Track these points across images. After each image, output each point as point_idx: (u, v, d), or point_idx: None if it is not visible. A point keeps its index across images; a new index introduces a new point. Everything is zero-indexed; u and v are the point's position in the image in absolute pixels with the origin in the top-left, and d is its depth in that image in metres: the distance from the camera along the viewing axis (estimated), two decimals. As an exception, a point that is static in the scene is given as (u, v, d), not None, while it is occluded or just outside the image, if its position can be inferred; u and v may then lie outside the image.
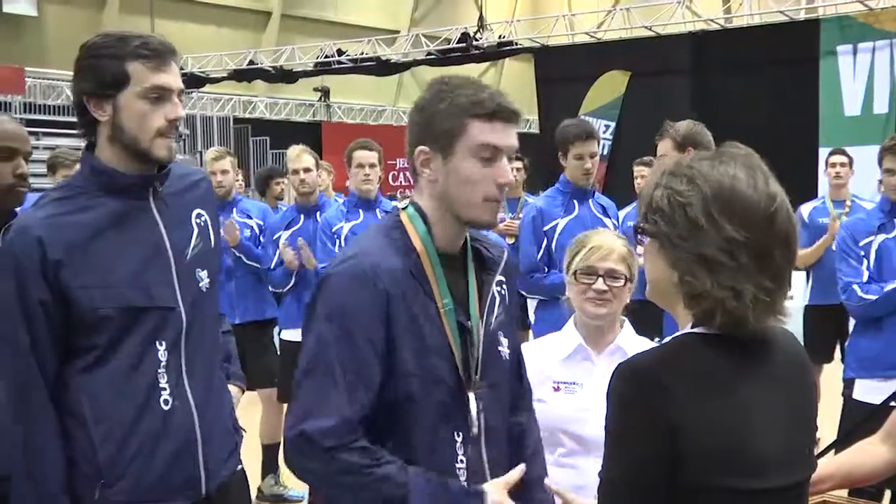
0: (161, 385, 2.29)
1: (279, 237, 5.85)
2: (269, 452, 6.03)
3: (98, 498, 2.26)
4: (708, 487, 1.57)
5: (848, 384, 4.38)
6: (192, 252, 2.38)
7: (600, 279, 2.67)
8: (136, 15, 24.06)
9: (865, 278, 4.21)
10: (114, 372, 2.26)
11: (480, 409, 2.06)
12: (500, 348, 2.15)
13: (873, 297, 4.17)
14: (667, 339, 1.70)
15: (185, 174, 2.47)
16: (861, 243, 4.29)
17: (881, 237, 4.26)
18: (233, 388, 2.68)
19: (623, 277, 2.69)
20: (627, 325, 2.79)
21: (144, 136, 2.23)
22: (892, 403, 2.53)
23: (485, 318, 2.09)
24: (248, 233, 5.91)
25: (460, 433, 2.04)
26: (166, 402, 2.30)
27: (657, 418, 1.58)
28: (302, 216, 5.91)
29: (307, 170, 5.84)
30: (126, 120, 2.23)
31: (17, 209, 2.71)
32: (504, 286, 2.19)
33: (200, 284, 2.40)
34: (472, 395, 2.05)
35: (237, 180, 9.29)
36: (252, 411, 5.84)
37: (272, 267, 5.87)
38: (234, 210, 6.00)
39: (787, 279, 1.66)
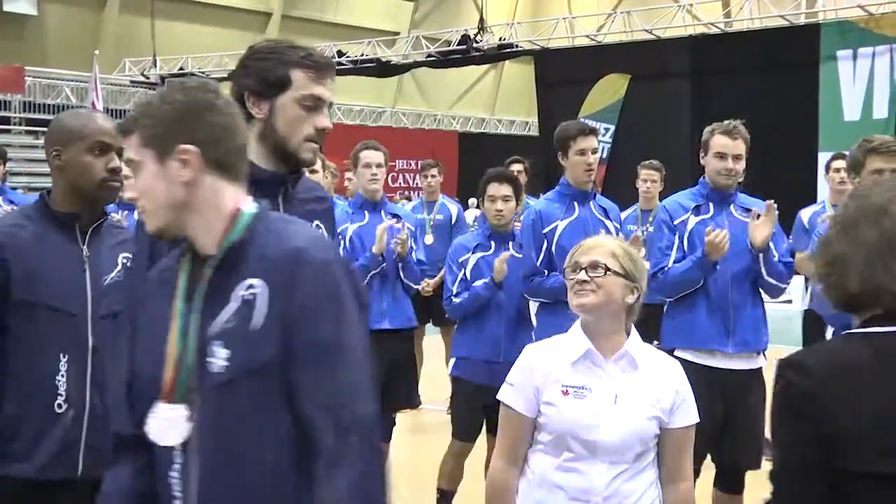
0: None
1: None
2: None
3: None
4: (845, 473, 1.66)
5: None
6: None
7: (582, 271, 2.70)
8: (136, 15, 24.10)
9: None
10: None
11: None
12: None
13: None
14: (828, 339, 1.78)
15: (313, 187, 2.58)
16: None
17: None
18: None
19: (603, 267, 2.70)
20: (634, 332, 2.79)
21: (294, 138, 2.34)
22: None
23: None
24: None
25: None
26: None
27: (814, 421, 1.67)
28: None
29: (313, 171, 5.83)
30: (280, 121, 2.33)
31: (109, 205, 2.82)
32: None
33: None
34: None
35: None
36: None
37: None
38: None
39: None
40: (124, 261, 2.78)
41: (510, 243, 4.88)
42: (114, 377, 2.54)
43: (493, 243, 4.88)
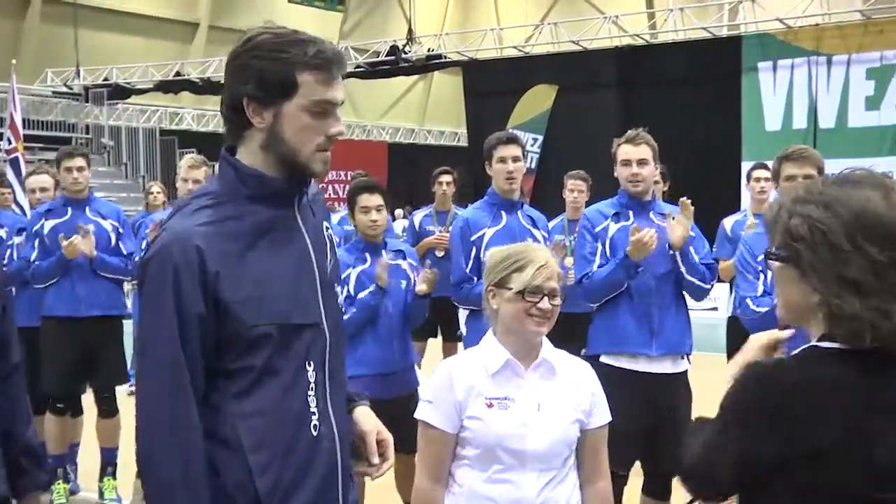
0: (311, 409, 2.11)
1: None
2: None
3: None
4: (836, 495, 1.64)
5: None
6: (330, 265, 2.23)
7: (545, 298, 2.68)
8: (59, 24, 23.65)
9: (760, 292, 4.31)
10: (270, 396, 2.06)
11: None
12: None
13: (764, 310, 4.28)
14: (796, 352, 1.74)
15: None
16: (759, 258, 4.39)
17: None
18: (364, 410, 2.38)
19: (560, 296, 2.72)
20: (546, 339, 2.81)
21: (305, 149, 2.07)
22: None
23: None
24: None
25: None
26: (315, 426, 2.11)
27: (802, 437, 1.63)
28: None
29: (196, 181, 5.76)
30: (287, 130, 2.06)
31: None
32: None
33: (339, 300, 2.27)
34: None
35: (156, 192, 9.20)
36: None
37: None
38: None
39: None
40: None
41: (383, 251, 4.68)
42: None
43: (367, 255, 4.63)
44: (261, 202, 2.08)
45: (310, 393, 2.10)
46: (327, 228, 2.25)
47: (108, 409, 5.96)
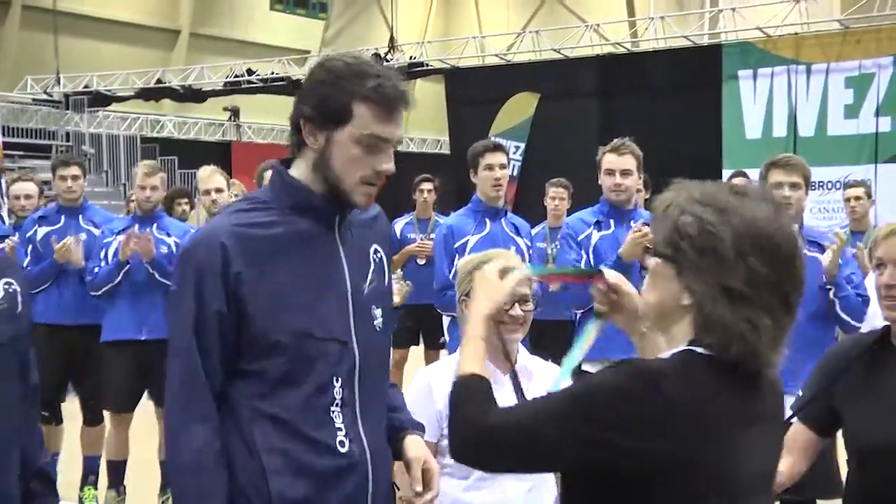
0: (336, 425, 2.12)
1: None
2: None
3: None
4: (695, 499, 1.61)
5: None
6: (368, 287, 2.25)
7: (515, 304, 2.69)
8: (38, 31, 23.53)
9: None
10: (287, 404, 2.09)
11: None
12: None
13: None
14: (668, 354, 1.71)
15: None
16: None
17: None
18: (415, 438, 2.37)
19: (533, 301, 2.72)
20: (523, 348, 2.82)
21: (349, 179, 2.11)
22: (792, 420, 2.61)
23: None
24: (164, 250, 5.82)
25: None
26: (342, 443, 2.12)
27: (659, 432, 1.59)
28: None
29: (219, 190, 5.81)
30: (336, 158, 2.10)
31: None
32: None
33: (375, 322, 2.27)
34: None
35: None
36: (152, 427, 5.81)
37: None
38: (156, 226, 5.92)
39: (795, 314, 1.71)
40: (6, 286, 2.43)
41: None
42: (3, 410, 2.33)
43: None
44: (301, 214, 2.14)
45: (333, 409, 2.12)
46: (376, 251, 2.28)
47: (93, 417, 5.95)
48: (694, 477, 1.60)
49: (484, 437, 1.71)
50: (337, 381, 2.13)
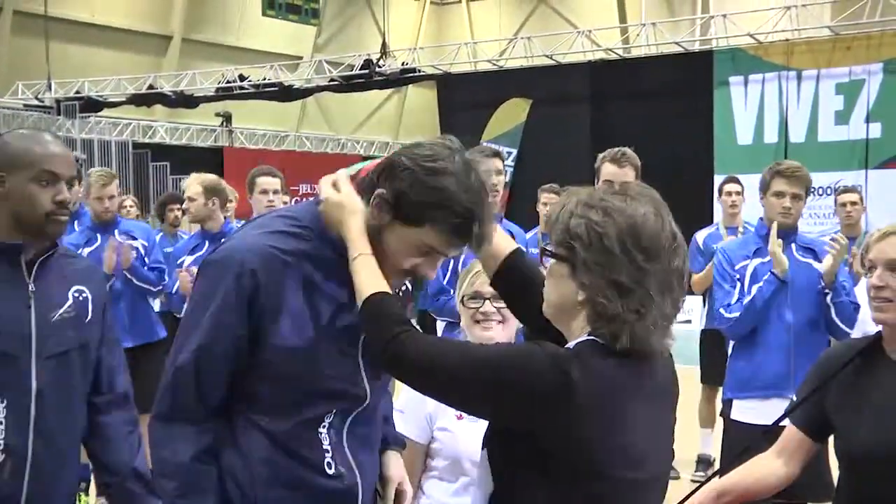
0: (324, 446, 2.08)
1: (182, 262, 5.79)
2: None
3: None
4: (600, 475, 1.75)
5: (727, 404, 4.52)
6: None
7: (486, 301, 2.70)
8: (29, 37, 23.48)
9: (734, 300, 4.34)
10: (281, 423, 2.06)
11: None
12: None
13: (736, 315, 4.31)
14: (571, 344, 1.83)
15: None
16: (737, 267, 4.43)
17: (756, 261, 4.40)
18: (395, 455, 2.36)
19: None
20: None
21: (395, 263, 2.06)
22: (783, 423, 2.62)
23: None
24: (134, 254, 5.81)
25: None
26: (329, 465, 2.09)
27: (556, 407, 1.73)
28: (207, 242, 5.85)
29: (191, 199, 5.78)
30: (390, 242, 2.04)
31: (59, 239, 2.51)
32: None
33: None
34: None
35: (129, 205, 9.19)
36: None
37: (174, 291, 5.82)
38: (116, 231, 5.89)
39: (680, 305, 1.86)
40: (76, 294, 2.54)
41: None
42: (59, 421, 2.43)
43: None
44: (331, 246, 2.07)
45: (321, 431, 2.10)
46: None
47: None
48: (587, 452, 1.74)
49: (407, 366, 1.85)
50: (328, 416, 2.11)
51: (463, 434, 2.65)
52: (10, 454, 2.37)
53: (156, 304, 6.08)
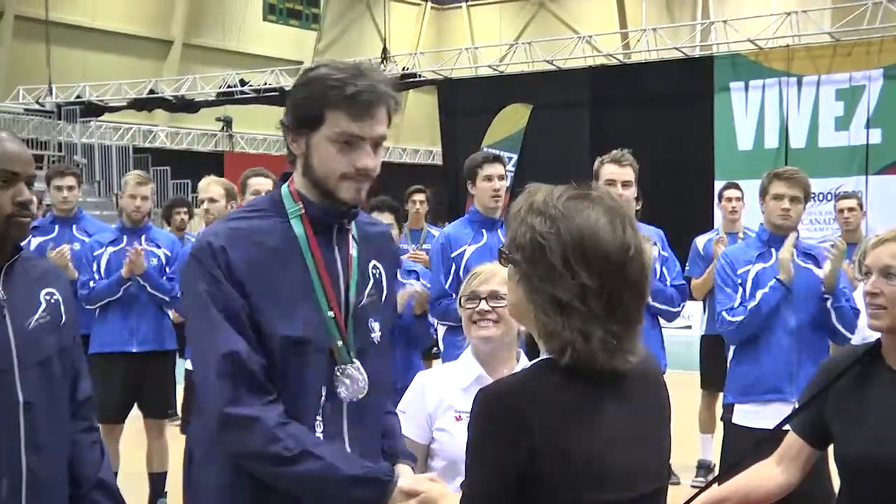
0: (317, 434, 2.10)
1: None
2: (157, 480, 5.95)
3: None
4: (565, 501, 1.64)
5: (728, 409, 4.52)
6: (367, 299, 2.25)
7: (482, 301, 2.71)
8: (30, 41, 23.53)
9: (737, 304, 4.35)
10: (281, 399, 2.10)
11: None
12: None
13: (739, 318, 4.32)
14: (528, 365, 1.74)
15: (372, 223, 2.40)
16: (739, 272, 4.43)
17: (758, 266, 4.40)
18: (404, 468, 2.31)
19: (504, 297, 2.73)
20: (524, 356, 2.82)
21: (332, 177, 2.16)
22: (785, 428, 2.62)
23: None
24: (154, 262, 5.81)
25: None
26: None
27: (516, 443, 1.62)
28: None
29: (213, 200, 5.79)
30: (315, 159, 2.17)
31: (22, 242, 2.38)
32: None
33: (372, 336, 2.26)
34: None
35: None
36: (142, 440, 5.79)
37: (178, 294, 5.84)
38: (144, 238, 5.91)
39: (637, 319, 1.71)
40: (47, 297, 2.40)
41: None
42: (50, 431, 2.33)
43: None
44: (282, 215, 2.20)
45: (318, 418, 2.12)
46: (375, 267, 2.29)
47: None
48: (559, 480, 1.63)
49: None
50: (323, 389, 2.13)
51: (462, 435, 2.64)
52: (4, 473, 2.23)
53: (172, 315, 6.07)
